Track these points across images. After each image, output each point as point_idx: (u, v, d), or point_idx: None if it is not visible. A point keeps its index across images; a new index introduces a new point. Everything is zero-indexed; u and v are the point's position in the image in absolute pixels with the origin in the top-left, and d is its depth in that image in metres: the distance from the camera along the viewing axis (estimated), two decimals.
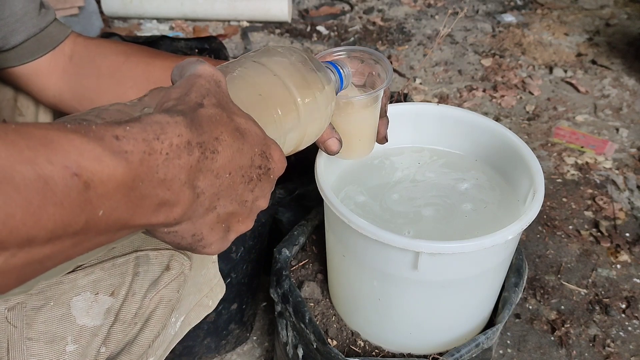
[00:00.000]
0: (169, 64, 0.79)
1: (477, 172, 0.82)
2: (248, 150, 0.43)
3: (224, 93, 0.44)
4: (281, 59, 0.55)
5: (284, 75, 0.53)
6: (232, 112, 0.43)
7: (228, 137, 0.41)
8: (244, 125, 0.43)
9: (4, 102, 0.96)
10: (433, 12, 2.12)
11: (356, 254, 0.71)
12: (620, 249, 1.18)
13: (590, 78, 1.75)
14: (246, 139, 0.43)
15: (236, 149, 0.42)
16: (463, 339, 0.76)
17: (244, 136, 0.43)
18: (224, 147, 0.41)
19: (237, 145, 0.42)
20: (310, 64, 0.56)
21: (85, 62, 0.80)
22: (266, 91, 0.52)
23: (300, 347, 0.78)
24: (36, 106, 1.00)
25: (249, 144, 0.43)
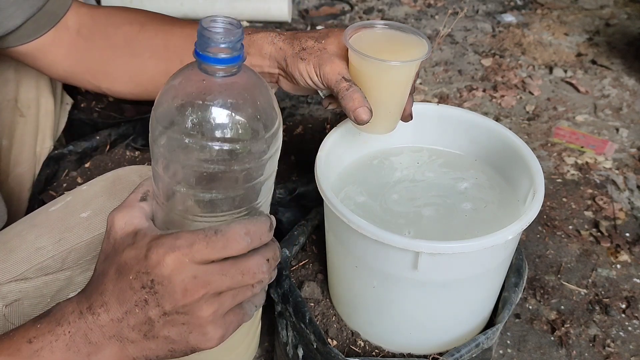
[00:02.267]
0: (188, 31, 0.76)
1: (477, 172, 0.82)
2: (124, 284, 0.44)
3: (113, 235, 0.47)
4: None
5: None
6: (116, 253, 0.45)
7: (109, 283, 0.44)
8: (123, 259, 0.44)
9: (4, 102, 0.96)
10: (433, 12, 2.12)
11: (356, 254, 0.71)
12: (620, 249, 1.18)
13: (590, 78, 1.75)
14: (123, 274, 0.44)
15: (118, 290, 0.44)
16: (463, 339, 0.76)
17: (121, 272, 0.44)
18: (109, 295, 0.44)
19: (118, 286, 0.44)
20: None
21: (96, 34, 0.76)
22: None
23: (300, 347, 0.78)
24: (37, 107, 1.00)
25: (125, 277, 0.44)
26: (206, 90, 0.43)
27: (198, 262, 0.43)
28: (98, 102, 1.28)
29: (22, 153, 0.99)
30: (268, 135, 0.45)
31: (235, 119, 0.44)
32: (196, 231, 0.43)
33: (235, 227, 0.44)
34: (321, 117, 1.23)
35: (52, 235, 0.64)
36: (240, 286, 0.45)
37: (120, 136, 1.15)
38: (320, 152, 0.75)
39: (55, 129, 1.08)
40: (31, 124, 1.00)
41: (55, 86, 1.05)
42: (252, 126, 0.44)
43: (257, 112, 0.45)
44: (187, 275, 0.42)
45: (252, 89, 0.45)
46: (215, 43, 0.41)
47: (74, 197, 0.68)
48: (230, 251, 0.43)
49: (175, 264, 0.42)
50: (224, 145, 0.43)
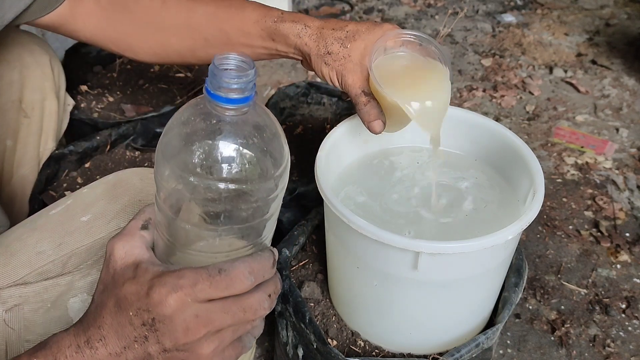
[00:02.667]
0: (210, 9, 0.75)
1: (477, 172, 0.82)
2: (124, 319, 0.43)
3: (112, 265, 0.45)
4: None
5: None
6: (115, 285, 0.44)
7: (107, 317, 0.43)
8: (122, 292, 0.43)
9: (8, 103, 0.97)
10: (433, 12, 2.12)
11: (356, 254, 0.71)
12: (620, 249, 1.18)
13: (590, 78, 1.75)
14: (122, 309, 0.43)
15: (117, 324, 0.43)
16: (463, 339, 0.76)
17: (120, 307, 0.43)
18: (107, 329, 0.43)
19: (117, 320, 0.43)
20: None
21: (117, 7, 0.77)
22: None
23: (300, 347, 0.78)
24: (41, 109, 1.01)
25: (125, 312, 0.43)
26: (215, 130, 0.42)
27: (200, 301, 0.42)
28: (98, 102, 1.28)
29: (26, 154, 1.00)
30: (277, 174, 0.45)
31: (244, 159, 0.43)
32: (199, 270, 0.42)
33: (239, 266, 0.43)
34: (321, 117, 1.23)
35: (52, 239, 0.63)
36: (243, 326, 0.45)
37: (121, 136, 1.15)
38: (320, 152, 0.75)
39: (59, 131, 1.08)
40: (35, 125, 1.00)
41: (59, 88, 1.05)
42: (260, 166, 0.44)
43: (266, 152, 0.44)
44: (189, 315, 0.42)
45: (262, 128, 0.44)
46: (227, 84, 0.41)
47: (74, 200, 0.67)
48: (234, 290, 0.43)
49: (178, 304, 0.41)
50: (231, 185, 0.43)
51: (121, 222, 0.64)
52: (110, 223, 0.64)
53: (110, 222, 0.64)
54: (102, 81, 1.35)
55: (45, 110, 1.01)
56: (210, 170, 0.43)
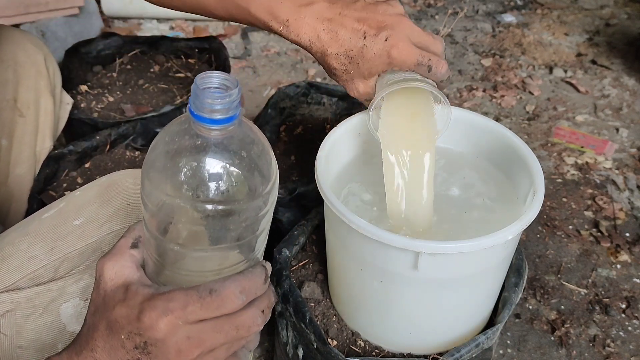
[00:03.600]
0: None
1: (477, 172, 0.82)
2: (116, 342, 0.43)
3: (102, 286, 0.45)
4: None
5: None
6: (106, 308, 0.44)
7: (100, 340, 0.43)
8: (113, 316, 0.43)
9: (3, 102, 0.96)
10: (433, 12, 2.12)
11: (356, 254, 0.71)
12: (620, 249, 1.18)
13: (590, 78, 1.75)
14: (114, 332, 0.43)
15: (109, 347, 0.43)
16: (463, 339, 0.76)
17: (112, 330, 0.43)
18: (100, 352, 0.43)
19: (109, 343, 0.43)
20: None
21: None
22: None
23: (301, 347, 0.78)
24: (36, 107, 1.00)
25: (116, 335, 0.43)
26: (201, 150, 0.41)
27: (191, 323, 0.42)
28: (98, 102, 1.28)
29: (22, 153, 0.99)
30: (265, 192, 0.44)
31: (231, 179, 0.42)
32: (190, 291, 0.42)
33: (230, 286, 0.42)
34: (321, 117, 1.23)
35: (44, 244, 0.62)
36: (237, 343, 0.44)
37: (120, 136, 1.15)
38: (320, 152, 0.75)
39: (55, 129, 1.08)
40: (31, 124, 1.00)
41: (54, 86, 1.05)
42: (249, 184, 0.43)
43: (254, 169, 0.43)
44: (180, 337, 0.41)
45: (249, 145, 0.43)
46: (210, 104, 0.40)
47: (67, 203, 0.66)
48: (225, 310, 0.42)
49: (169, 327, 0.41)
50: (218, 206, 0.42)
51: (113, 225, 0.63)
52: (102, 227, 0.63)
53: (102, 225, 0.63)
54: (102, 81, 1.35)
55: (41, 109, 1.01)
56: (197, 191, 0.42)
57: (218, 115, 0.40)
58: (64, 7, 1.76)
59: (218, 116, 0.40)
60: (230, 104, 0.40)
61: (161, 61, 1.42)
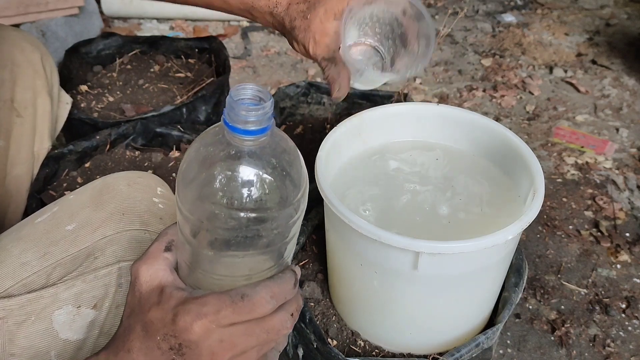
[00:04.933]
0: None
1: (477, 172, 0.82)
2: (152, 343, 0.44)
3: (138, 289, 0.46)
4: None
5: None
6: (142, 310, 0.45)
7: (136, 341, 0.44)
8: (149, 318, 0.44)
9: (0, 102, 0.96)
10: (433, 12, 2.12)
11: (356, 254, 0.71)
12: (620, 249, 1.18)
13: (590, 78, 1.75)
14: (150, 333, 0.44)
15: (145, 347, 0.44)
16: (463, 339, 0.76)
17: (148, 331, 0.44)
18: (137, 353, 0.44)
19: (145, 344, 0.44)
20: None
21: None
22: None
23: (301, 347, 0.78)
24: (34, 107, 1.00)
25: (152, 337, 0.44)
26: (234, 159, 0.43)
27: (224, 326, 0.43)
28: (98, 102, 1.28)
29: (20, 154, 0.99)
30: (296, 200, 0.46)
31: (264, 187, 0.44)
32: (222, 296, 0.43)
33: (261, 291, 0.44)
34: (321, 117, 1.23)
35: (37, 249, 0.61)
36: (267, 345, 0.45)
37: (120, 136, 1.15)
38: (320, 152, 0.75)
39: (53, 129, 1.07)
40: (28, 125, 0.99)
41: (52, 86, 1.04)
42: (280, 193, 0.45)
43: (285, 178, 0.45)
44: (214, 340, 0.43)
45: (281, 155, 0.45)
46: (245, 116, 0.42)
47: (60, 208, 0.65)
48: (256, 315, 0.44)
49: (203, 330, 0.42)
50: (251, 214, 0.43)
51: (107, 230, 0.63)
52: (95, 232, 0.62)
53: (95, 231, 0.62)
54: (102, 81, 1.35)
55: (38, 109, 1.00)
56: (231, 199, 0.43)
57: (252, 126, 0.42)
58: (64, 7, 1.76)
59: (252, 127, 0.42)
60: (263, 115, 0.42)
61: (161, 61, 1.42)
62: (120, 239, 0.62)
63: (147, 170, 1.11)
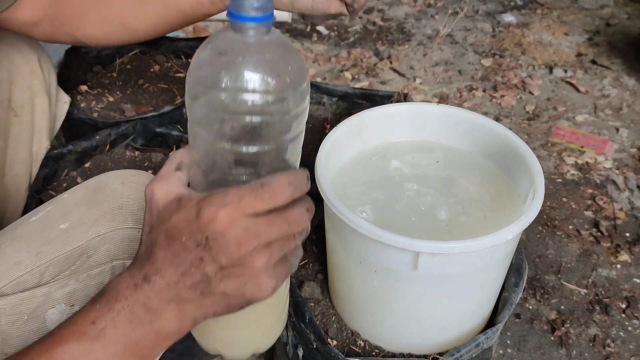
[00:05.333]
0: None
1: (477, 172, 0.82)
2: (177, 246, 0.44)
3: (155, 206, 0.47)
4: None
5: None
6: (162, 221, 0.46)
7: (160, 251, 0.45)
8: (171, 224, 0.45)
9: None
10: (433, 12, 2.12)
11: (356, 254, 0.71)
12: (620, 249, 1.18)
13: (590, 78, 1.75)
14: (174, 238, 0.45)
15: (170, 254, 0.45)
16: (463, 339, 0.76)
17: (171, 237, 0.45)
18: (162, 262, 0.45)
19: (170, 250, 0.45)
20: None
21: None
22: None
23: (300, 347, 0.78)
24: (31, 107, 1.00)
25: (177, 241, 0.44)
26: (239, 48, 0.46)
27: (248, 216, 0.44)
28: (98, 102, 1.28)
29: (18, 153, 0.99)
30: (301, 89, 0.48)
31: (268, 74, 0.46)
32: (242, 187, 0.44)
33: (279, 178, 0.45)
34: (321, 117, 1.23)
35: (31, 248, 0.61)
36: (287, 235, 0.46)
37: (120, 136, 1.15)
38: (320, 152, 0.75)
39: (52, 129, 1.07)
40: (26, 124, 0.99)
41: (49, 85, 1.04)
42: (287, 78, 0.47)
43: (288, 69, 0.48)
44: (239, 228, 0.43)
45: (282, 48, 0.48)
46: (249, 2, 0.45)
47: (54, 207, 0.65)
48: (277, 201, 0.45)
49: (228, 218, 0.43)
50: (257, 97, 0.46)
51: (100, 229, 0.62)
52: (89, 230, 0.62)
53: (89, 229, 0.62)
54: (102, 81, 1.35)
55: (36, 109, 1.00)
56: (239, 85, 0.45)
57: (255, 13, 0.45)
58: None
59: (255, 14, 0.45)
60: (266, 3, 0.45)
61: (161, 61, 1.42)
62: (113, 238, 0.62)
63: (147, 170, 1.11)
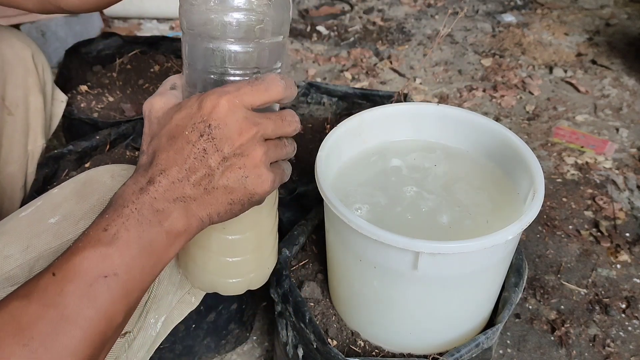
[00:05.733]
0: None
1: (477, 172, 0.82)
2: (181, 142, 0.46)
3: (154, 116, 0.49)
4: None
5: None
6: (163, 125, 0.48)
7: (162, 153, 0.47)
8: (173, 123, 0.47)
9: None
10: (433, 12, 2.12)
11: (356, 254, 0.71)
12: (620, 249, 1.18)
13: (590, 78, 1.75)
14: (176, 136, 0.46)
15: (173, 153, 0.46)
16: (463, 339, 0.76)
17: (174, 135, 0.47)
18: (165, 162, 0.46)
19: (173, 148, 0.46)
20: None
21: None
22: None
23: (300, 347, 0.78)
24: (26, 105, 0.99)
25: (180, 137, 0.46)
26: None
27: (246, 106, 0.47)
28: (98, 102, 1.28)
29: (12, 152, 0.98)
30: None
31: None
32: (239, 81, 0.48)
33: (272, 74, 0.49)
34: (321, 117, 1.23)
35: (20, 243, 0.61)
36: (282, 131, 0.49)
37: (120, 136, 1.15)
38: (320, 152, 0.75)
39: (47, 127, 1.06)
40: (20, 123, 0.98)
41: (44, 84, 1.04)
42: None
43: None
44: (239, 116, 0.46)
45: None
46: None
47: (43, 202, 0.65)
48: (271, 94, 0.48)
49: (229, 105, 0.46)
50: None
51: (89, 222, 0.62)
52: (78, 224, 0.62)
53: (78, 222, 0.62)
54: (102, 81, 1.35)
55: (30, 107, 0.99)
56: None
57: None
58: None
59: None
60: None
61: (161, 61, 1.42)
62: None
63: None
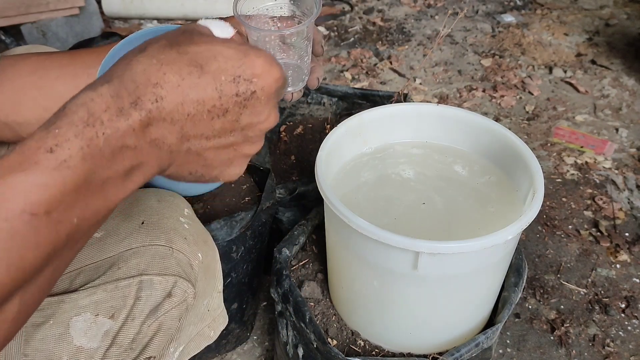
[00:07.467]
0: (95, 52, 0.71)
1: (477, 172, 0.82)
2: (208, 82, 0.38)
3: (180, 30, 0.41)
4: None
5: None
6: (189, 44, 0.39)
7: (174, 76, 0.37)
8: (204, 54, 0.38)
9: None
10: (433, 12, 2.12)
11: (356, 254, 0.71)
12: (619, 249, 1.18)
13: (590, 78, 1.75)
14: (205, 70, 0.38)
15: (189, 85, 0.37)
16: (463, 339, 0.76)
17: (202, 67, 0.38)
18: (169, 89, 0.37)
19: (190, 80, 0.38)
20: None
21: (3, 73, 0.68)
22: None
23: (301, 347, 0.78)
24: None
25: (209, 75, 0.38)
26: None
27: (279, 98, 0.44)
28: None
29: None
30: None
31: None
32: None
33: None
34: (321, 117, 1.23)
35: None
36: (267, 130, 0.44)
37: None
38: (321, 152, 0.75)
39: None
40: None
41: None
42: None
43: None
44: (274, 103, 0.42)
45: None
46: None
47: None
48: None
49: (277, 85, 0.41)
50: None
51: (132, 242, 0.62)
52: (122, 242, 0.62)
53: (122, 241, 0.62)
54: None
55: None
56: None
57: None
58: (65, 8, 1.76)
59: None
60: None
61: None
62: (144, 252, 0.62)
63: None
